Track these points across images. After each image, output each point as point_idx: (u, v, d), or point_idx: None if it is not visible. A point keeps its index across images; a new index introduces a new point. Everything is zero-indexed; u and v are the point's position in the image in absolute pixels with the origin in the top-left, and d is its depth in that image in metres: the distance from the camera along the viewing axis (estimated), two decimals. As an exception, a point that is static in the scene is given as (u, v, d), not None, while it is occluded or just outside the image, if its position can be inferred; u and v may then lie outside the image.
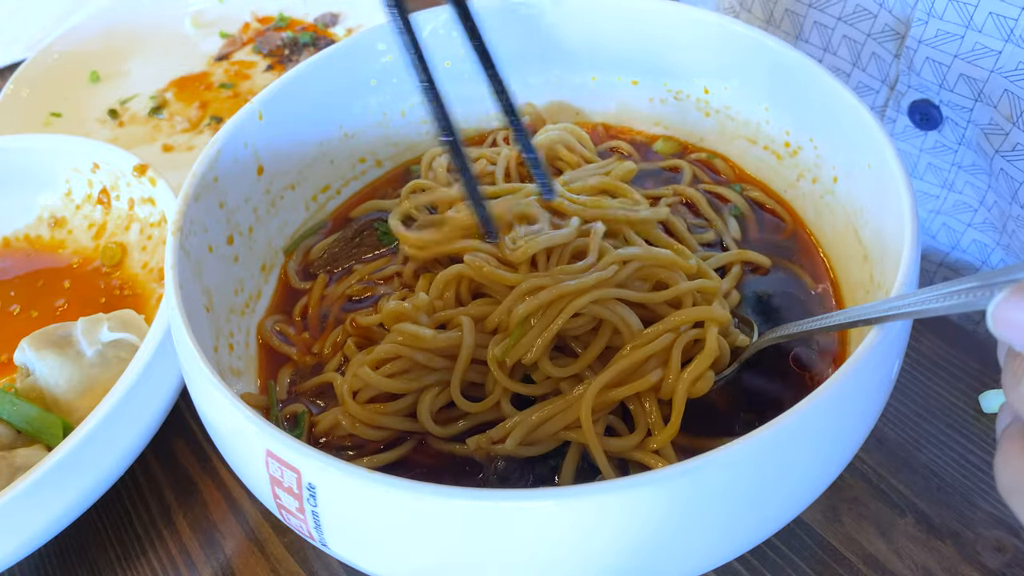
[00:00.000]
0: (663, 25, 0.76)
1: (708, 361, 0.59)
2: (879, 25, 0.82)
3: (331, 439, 0.63)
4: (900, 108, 0.85)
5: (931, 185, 0.88)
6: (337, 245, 0.76)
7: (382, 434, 0.62)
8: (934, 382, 0.75)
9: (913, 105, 0.84)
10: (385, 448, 0.62)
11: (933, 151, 0.85)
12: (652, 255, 0.63)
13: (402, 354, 0.62)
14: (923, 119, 0.84)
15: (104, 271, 0.92)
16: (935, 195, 0.88)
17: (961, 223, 0.88)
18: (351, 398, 0.62)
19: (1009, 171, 0.79)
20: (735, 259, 0.70)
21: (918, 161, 0.87)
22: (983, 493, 0.68)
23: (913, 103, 0.84)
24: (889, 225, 0.58)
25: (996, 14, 0.73)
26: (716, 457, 0.44)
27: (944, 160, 0.85)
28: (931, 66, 0.79)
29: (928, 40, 0.78)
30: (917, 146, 0.86)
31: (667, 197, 0.75)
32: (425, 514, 0.46)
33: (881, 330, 0.49)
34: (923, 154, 0.86)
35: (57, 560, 0.73)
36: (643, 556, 0.47)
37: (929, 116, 0.83)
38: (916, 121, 0.84)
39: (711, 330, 0.60)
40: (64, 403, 0.74)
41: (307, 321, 0.72)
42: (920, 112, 0.83)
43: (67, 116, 1.22)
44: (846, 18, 0.85)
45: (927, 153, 0.86)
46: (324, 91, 0.76)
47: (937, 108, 0.82)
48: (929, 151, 0.86)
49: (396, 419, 0.62)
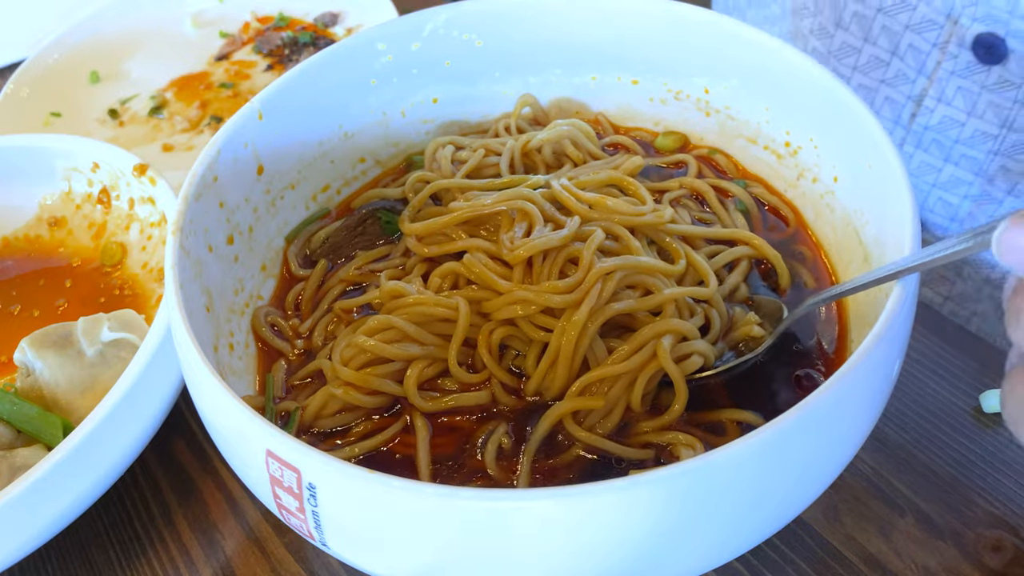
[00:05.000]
0: (663, 25, 0.76)
1: (652, 371, 0.61)
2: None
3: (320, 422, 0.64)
4: (963, 43, 0.83)
5: (990, 124, 0.86)
6: (339, 234, 0.76)
7: (375, 400, 0.63)
8: (934, 382, 0.75)
9: (978, 39, 0.81)
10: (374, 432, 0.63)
11: (995, 88, 0.83)
12: (633, 264, 0.64)
13: (394, 325, 0.63)
14: (987, 53, 0.82)
15: (104, 271, 0.92)
16: (993, 135, 0.86)
17: (1021, 164, 0.87)
18: (343, 366, 0.63)
19: None
20: (742, 255, 0.70)
21: (978, 99, 0.85)
22: (983, 493, 0.68)
23: (978, 36, 0.81)
24: (889, 225, 0.58)
25: None
26: (716, 457, 0.44)
27: (1006, 98, 0.83)
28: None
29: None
30: (979, 83, 0.84)
31: (673, 190, 0.76)
32: (425, 514, 0.46)
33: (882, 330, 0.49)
34: (984, 91, 0.84)
35: (57, 560, 0.73)
36: (643, 556, 0.47)
37: (994, 49, 0.81)
38: (980, 55, 0.82)
39: (660, 341, 0.61)
40: (64, 403, 0.74)
41: (300, 308, 0.73)
42: (984, 45, 0.81)
43: (67, 116, 1.22)
44: None
45: (988, 91, 0.84)
46: (324, 91, 0.76)
47: (1003, 40, 0.80)
48: (991, 88, 0.84)
49: (389, 383, 0.63)
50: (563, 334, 0.61)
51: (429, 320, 0.65)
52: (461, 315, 0.64)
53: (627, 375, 0.61)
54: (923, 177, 0.93)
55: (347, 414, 0.64)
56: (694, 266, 0.68)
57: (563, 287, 0.63)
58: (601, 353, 0.62)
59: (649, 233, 0.69)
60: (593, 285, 0.62)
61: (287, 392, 0.67)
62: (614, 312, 0.62)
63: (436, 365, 0.64)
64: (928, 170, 0.92)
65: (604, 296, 0.62)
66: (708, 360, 0.62)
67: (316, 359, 0.67)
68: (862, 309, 0.63)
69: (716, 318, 0.65)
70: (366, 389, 0.63)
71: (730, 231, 0.72)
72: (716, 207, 0.74)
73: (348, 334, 0.65)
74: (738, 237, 0.71)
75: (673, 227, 0.70)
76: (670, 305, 0.63)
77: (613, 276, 0.63)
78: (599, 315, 0.62)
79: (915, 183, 0.93)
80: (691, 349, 0.62)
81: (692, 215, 0.74)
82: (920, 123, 0.90)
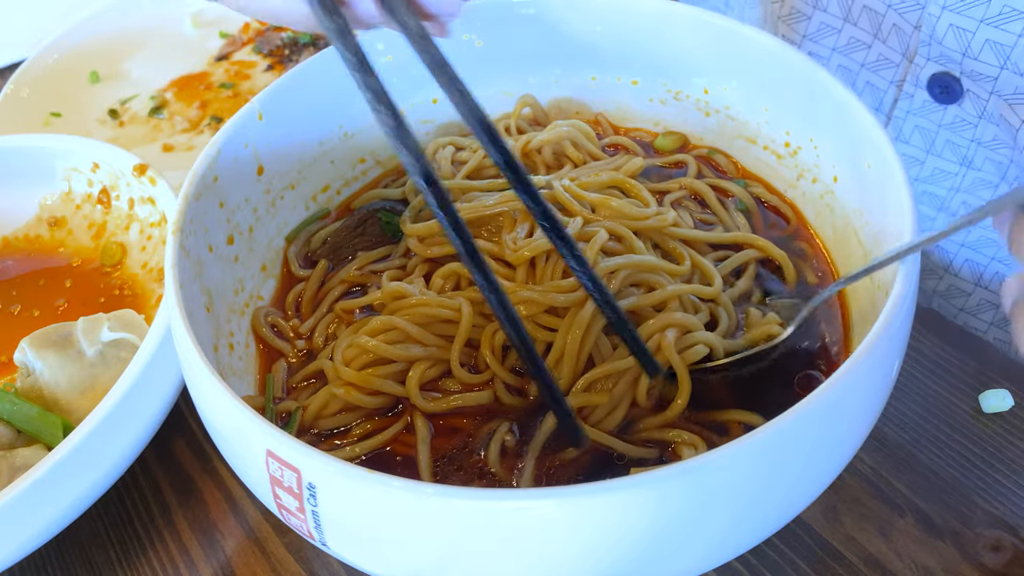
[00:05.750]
0: (663, 25, 0.76)
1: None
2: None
3: (321, 422, 0.64)
4: (919, 82, 0.83)
5: (949, 163, 0.86)
6: (340, 234, 0.76)
7: (376, 400, 0.63)
8: (934, 382, 0.75)
9: (933, 78, 0.81)
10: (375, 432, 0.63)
11: (952, 127, 0.83)
12: (636, 263, 0.65)
13: (397, 326, 0.63)
14: (943, 92, 0.82)
15: (104, 271, 0.92)
16: (953, 172, 0.86)
17: (981, 200, 0.87)
18: (345, 366, 0.63)
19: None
20: (749, 259, 0.70)
21: (936, 137, 0.85)
22: (983, 493, 0.68)
23: (933, 76, 0.81)
24: (889, 225, 0.58)
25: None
26: (716, 457, 0.44)
27: (963, 136, 0.83)
28: (955, 33, 0.77)
29: (952, 5, 0.76)
30: (936, 121, 0.84)
31: (674, 192, 0.76)
32: (425, 514, 0.46)
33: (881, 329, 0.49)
34: (941, 130, 0.84)
35: (57, 560, 0.73)
36: (643, 555, 0.47)
37: (950, 89, 0.81)
38: (935, 95, 0.82)
39: (664, 334, 0.61)
40: (64, 403, 0.74)
41: (300, 308, 0.73)
42: (940, 85, 0.81)
43: (67, 116, 1.22)
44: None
45: (946, 129, 0.84)
46: (324, 91, 0.76)
47: (958, 80, 0.80)
48: (948, 127, 0.84)
49: (391, 384, 0.63)
50: (568, 332, 0.61)
51: (432, 321, 0.65)
52: (464, 316, 0.63)
53: (632, 370, 0.61)
54: None
55: (348, 414, 0.64)
56: (699, 267, 0.68)
57: (567, 286, 0.63)
58: (606, 350, 0.62)
59: (652, 236, 0.69)
60: None
61: (287, 392, 0.67)
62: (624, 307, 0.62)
63: (438, 366, 0.64)
64: None
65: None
66: (715, 350, 0.62)
67: (317, 359, 0.67)
68: (863, 309, 0.63)
69: (723, 316, 0.65)
70: (368, 389, 0.63)
71: (734, 235, 0.71)
72: (716, 208, 0.74)
73: (350, 334, 0.65)
74: (743, 240, 0.71)
75: (676, 231, 0.70)
76: (674, 301, 0.63)
77: (617, 274, 0.63)
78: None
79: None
80: (695, 340, 0.62)
81: (694, 217, 0.74)
82: None
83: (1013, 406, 0.72)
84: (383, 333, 0.64)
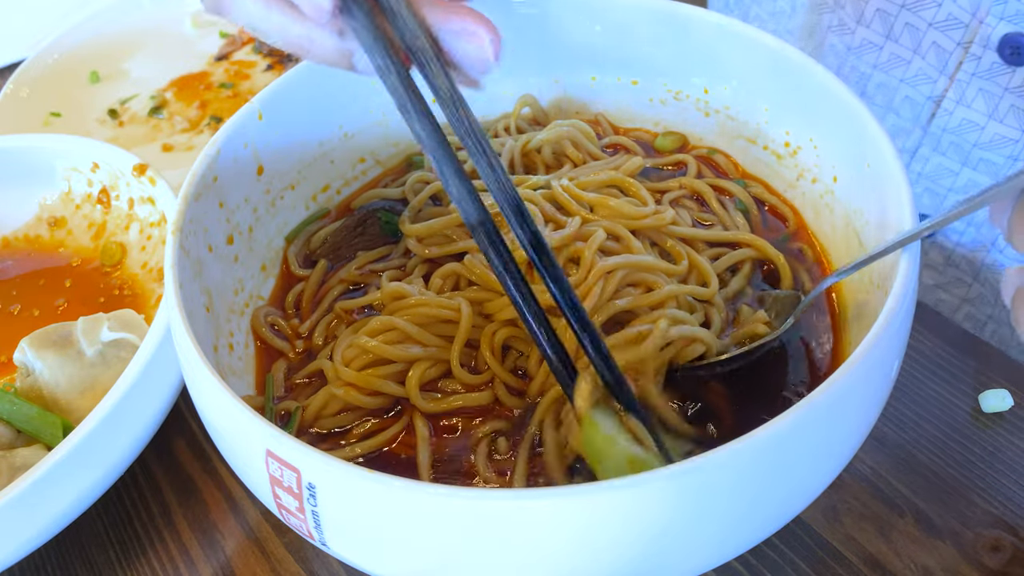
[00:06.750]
0: (663, 25, 0.76)
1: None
2: None
3: (321, 422, 0.63)
4: (988, 43, 0.81)
5: (1011, 128, 0.84)
6: (339, 234, 0.76)
7: (376, 401, 0.63)
8: (934, 382, 0.75)
9: (1004, 38, 0.80)
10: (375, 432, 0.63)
11: (1019, 91, 0.81)
12: (634, 263, 0.65)
13: (396, 326, 0.63)
14: (1013, 53, 0.80)
15: (104, 271, 0.92)
16: (1014, 140, 0.84)
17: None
18: (345, 366, 0.63)
19: None
20: (745, 257, 0.70)
21: (1000, 102, 0.83)
22: (982, 493, 0.68)
23: (1005, 36, 0.80)
24: (889, 225, 0.58)
25: None
26: (716, 457, 0.44)
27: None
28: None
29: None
30: (1002, 84, 0.82)
31: (673, 191, 0.76)
32: (425, 514, 0.46)
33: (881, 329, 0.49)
34: (1007, 94, 0.82)
35: (57, 560, 0.73)
36: (643, 555, 0.47)
37: (1021, 50, 0.79)
38: (1006, 56, 0.80)
39: (659, 322, 0.60)
40: (64, 403, 0.74)
41: (300, 307, 0.73)
42: (1011, 45, 0.80)
43: (67, 116, 1.22)
44: None
45: (1011, 93, 0.82)
46: (324, 91, 0.76)
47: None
48: (1015, 91, 0.82)
49: (391, 384, 0.63)
50: (566, 331, 0.61)
51: (431, 321, 0.65)
52: (463, 316, 0.64)
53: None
54: (940, 181, 0.92)
55: (348, 414, 0.64)
56: (697, 267, 0.68)
57: None
58: None
59: (651, 235, 0.69)
60: (595, 284, 0.62)
61: (287, 392, 0.67)
62: (617, 309, 0.62)
63: (438, 366, 0.64)
64: (945, 174, 0.91)
65: (606, 294, 0.62)
66: (710, 349, 0.62)
67: (317, 359, 0.67)
68: (860, 309, 0.63)
69: (716, 317, 0.65)
70: (367, 390, 0.63)
71: (732, 234, 0.72)
72: (716, 207, 0.74)
73: (350, 335, 0.66)
74: (740, 239, 0.71)
75: (674, 229, 0.70)
76: (671, 301, 0.64)
77: (615, 274, 0.63)
78: (601, 312, 0.62)
79: (932, 187, 0.92)
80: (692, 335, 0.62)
81: (692, 216, 0.74)
82: (938, 125, 0.88)
83: (1013, 406, 0.72)
84: (383, 333, 0.64)
